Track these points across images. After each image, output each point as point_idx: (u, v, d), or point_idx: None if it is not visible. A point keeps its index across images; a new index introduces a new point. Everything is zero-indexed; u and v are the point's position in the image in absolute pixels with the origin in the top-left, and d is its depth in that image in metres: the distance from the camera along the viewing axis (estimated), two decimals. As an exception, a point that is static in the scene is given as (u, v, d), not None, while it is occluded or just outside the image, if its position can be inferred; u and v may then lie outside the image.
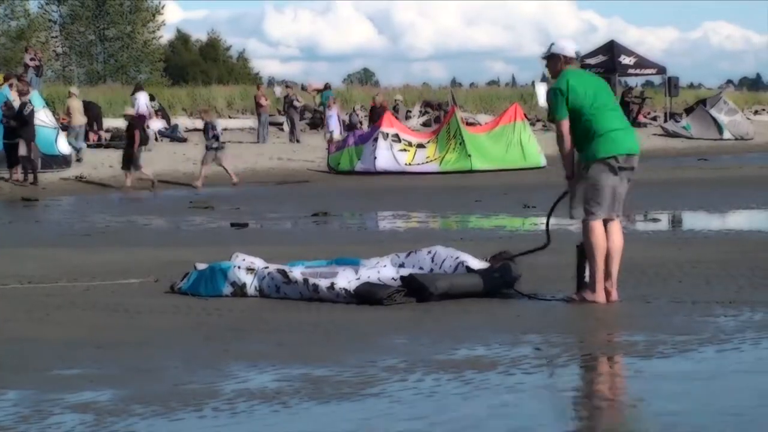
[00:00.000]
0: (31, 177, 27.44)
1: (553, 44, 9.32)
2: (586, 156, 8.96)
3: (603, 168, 8.87)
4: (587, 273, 8.92)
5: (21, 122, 27.73)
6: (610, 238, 8.92)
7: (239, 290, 9.49)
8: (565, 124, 9.00)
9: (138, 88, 37.83)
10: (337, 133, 33.85)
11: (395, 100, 45.37)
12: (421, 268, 9.43)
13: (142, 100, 35.47)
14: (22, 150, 27.51)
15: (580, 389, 6.56)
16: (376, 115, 36.87)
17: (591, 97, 8.99)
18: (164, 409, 5.87)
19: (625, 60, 50.10)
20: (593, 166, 8.89)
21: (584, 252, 8.94)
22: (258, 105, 38.26)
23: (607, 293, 8.87)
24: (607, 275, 8.88)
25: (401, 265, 9.54)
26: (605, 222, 8.93)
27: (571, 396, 6.33)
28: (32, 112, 28.25)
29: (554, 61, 9.22)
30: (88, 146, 33.46)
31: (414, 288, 9.08)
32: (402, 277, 9.19)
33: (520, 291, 9.27)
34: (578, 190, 8.95)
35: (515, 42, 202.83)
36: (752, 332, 7.56)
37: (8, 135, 27.90)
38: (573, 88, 8.96)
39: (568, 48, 9.26)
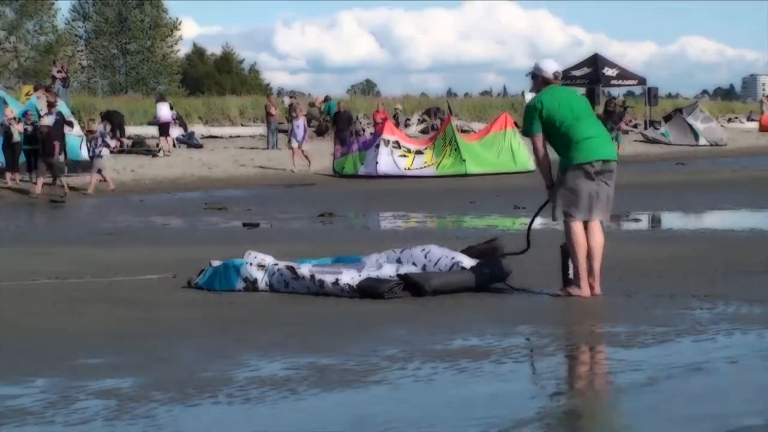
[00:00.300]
0: (59, 180, 27.46)
1: (535, 64, 9.35)
2: (564, 163, 8.94)
3: (579, 173, 8.84)
4: (571, 270, 8.94)
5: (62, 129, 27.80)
6: (591, 237, 8.91)
7: (251, 285, 9.49)
8: (538, 138, 9.04)
9: (161, 98, 37.80)
10: (303, 141, 33.00)
11: (395, 109, 45.40)
12: (414, 264, 9.45)
13: (165, 109, 35.47)
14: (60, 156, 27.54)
15: (566, 376, 6.55)
16: (340, 121, 36.72)
17: (567, 108, 8.98)
18: (182, 395, 5.86)
19: (609, 72, 50.18)
20: (570, 172, 8.88)
21: (567, 251, 8.97)
22: (268, 114, 38.20)
23: (591, 288, 8.87)
24: (590, 271, 8.88)
25: (398, 260, 9.56)
26: (586, 222, 8.95)
27: (557, 382, 6.34)
28: (62, 118, 28.30)
29: (535, 80, 9.28)
30: (111, 152, 33.51)
31: (410, 285, 9.10)
32: (399, 275, 9.21)
33: (512, 285, 9.27)
34: (558, 194, 8.94)
35: (507, 55, 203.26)
36: (726, 324, 7.56)
37: (29, 141, 27.79)
38: (547, 104, 8.97)
39: (547, 69, 9.22)
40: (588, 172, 8.84)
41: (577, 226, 8.87)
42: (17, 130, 27.43)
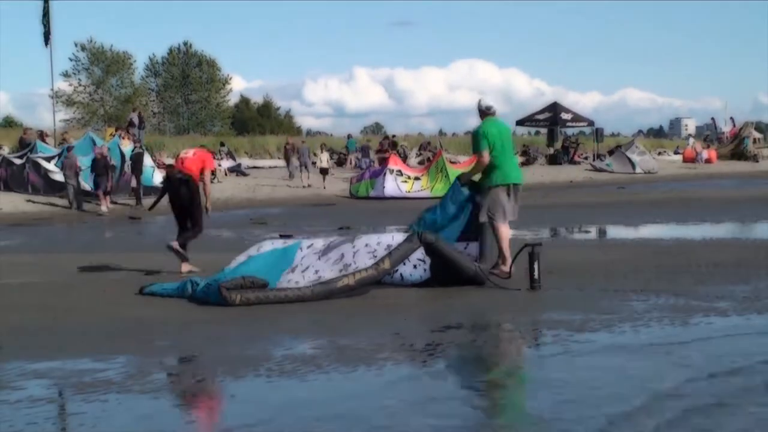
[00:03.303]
0: (134, 201, 27.50)
1: (479, 101, 10.23)
2: (489, 181, 9.84)
3: (498, 190, 9.81)
4: (536, 271, 8.94)
5: (133, 162, 27.93)
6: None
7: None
8: (486, 154, 9.84)
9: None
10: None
11: (402, 146, 45.50)
12: (343, 255, 9.11)
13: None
14: (134, 182, 27.63)
15: (530, 354, 6.55)
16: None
17: (499, 140, 9.91)
18: (231, 368, 5.87)
19: (565, 116, 50.19)
20: (494, 189, 9.81)
21: (534, 253, 8.96)
22: (286, 151, 38.17)
23: (501, 270, 9.57)
24: (506, 257, 9.65)
25: (324, 252, 9.18)
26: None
27: (524, 359, 6.35)
28: (142, 155, 28.41)
29: (480, 112, 10.16)
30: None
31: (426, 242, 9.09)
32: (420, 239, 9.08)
33: (488, 282, 9.25)
34: (485, 202, 9.74)
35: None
36: (657, 312, 7.56)
37: (98, 171, 27.58)
38: (488, 132, 9.88)
39: (485, 103, 10.15)
40: (504, 190, 9.86)
41: (502, 225, 9.75)
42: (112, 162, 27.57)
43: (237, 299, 8.40)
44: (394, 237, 9.32)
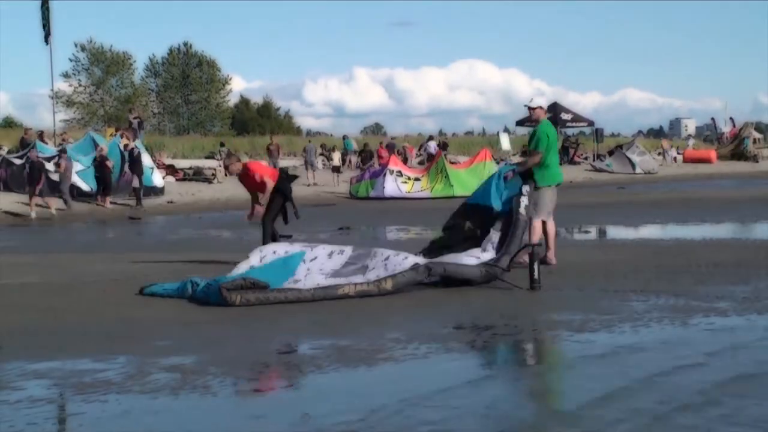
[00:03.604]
0: (133, 201, 27.51)
1: (534, 99, 10.85)
2: (542, 180, 10.48)
3: (548, 190, 10.56)
4: (536, 271, 8.93)
5: (132, 162, 27.90)
6: (549, 228, 10.58)
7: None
8: (542, 153, 10.53)
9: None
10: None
11: (403, 147, 45.64)
12: (365, 266, 9.11)
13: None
14: (135, 183, 27.64)
15: (529, 353, 6.55)
16: (270, 152, 37.49)
17: (552, 142, 10.63)
18: (231, 369, 5.87)
19: (565, 116, 50.25)
20: (544, 188, 10.50)
21: (534, 253, 8.97)
22: (269, 152, 38.63)
23: (549, 260, 10.28)
24: (548, 248, 10.45)
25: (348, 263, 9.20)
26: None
27: (523, 358, 6.34)
28: (140, 154, 28.40)
29: (537, 110, 10.80)
30: (176, 180, 33.60)
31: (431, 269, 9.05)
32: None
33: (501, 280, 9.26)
34: (532, 199, 10.18)
35: (486, 103, 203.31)
36: (657, 313, 7.55)
37: (99, 170, 27.66)
38: (548, 132, 10.64)
39: (544, 103, 11.08)
40: (552, 189, 10.60)
41: (539, 223, 10.46)
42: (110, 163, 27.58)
43: (237, 300, 8.40)
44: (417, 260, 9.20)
